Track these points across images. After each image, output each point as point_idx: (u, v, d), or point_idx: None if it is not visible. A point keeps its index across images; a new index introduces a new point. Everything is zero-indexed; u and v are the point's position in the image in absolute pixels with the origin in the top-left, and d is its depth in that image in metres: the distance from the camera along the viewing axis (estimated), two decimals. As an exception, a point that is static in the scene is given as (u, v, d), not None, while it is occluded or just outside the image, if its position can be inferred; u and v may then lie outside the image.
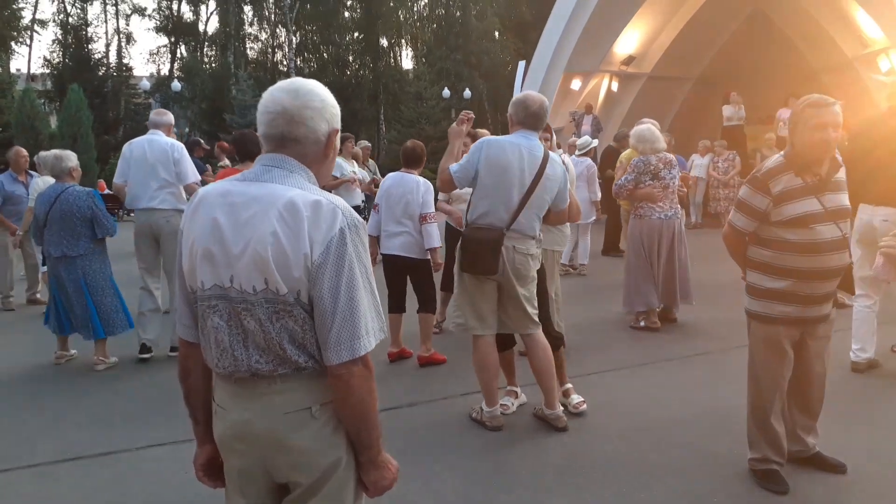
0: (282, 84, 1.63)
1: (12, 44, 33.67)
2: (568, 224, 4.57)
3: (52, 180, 6.80)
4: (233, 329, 1.59)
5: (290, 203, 1.54)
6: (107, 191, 21.51)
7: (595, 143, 8.98)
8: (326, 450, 1.62)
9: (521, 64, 18.19)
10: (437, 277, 5.33)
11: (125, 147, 5.32)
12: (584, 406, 3.98)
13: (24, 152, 7.57)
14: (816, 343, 3.01)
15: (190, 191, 5.24)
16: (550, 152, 3.70)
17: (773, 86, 16.40)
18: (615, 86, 17.05)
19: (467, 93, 31.28)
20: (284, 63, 41.90)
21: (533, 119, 3.63)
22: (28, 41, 36.60)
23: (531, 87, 16.05)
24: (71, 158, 5.28)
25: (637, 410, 4.06)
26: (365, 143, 10.55)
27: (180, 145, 5.27)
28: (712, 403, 4.11)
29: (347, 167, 7.89)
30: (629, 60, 16.53)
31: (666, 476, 3.20)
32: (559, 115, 15.98)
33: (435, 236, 4.92)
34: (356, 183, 7.91)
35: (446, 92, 29.50)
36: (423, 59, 33.13)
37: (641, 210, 5.69)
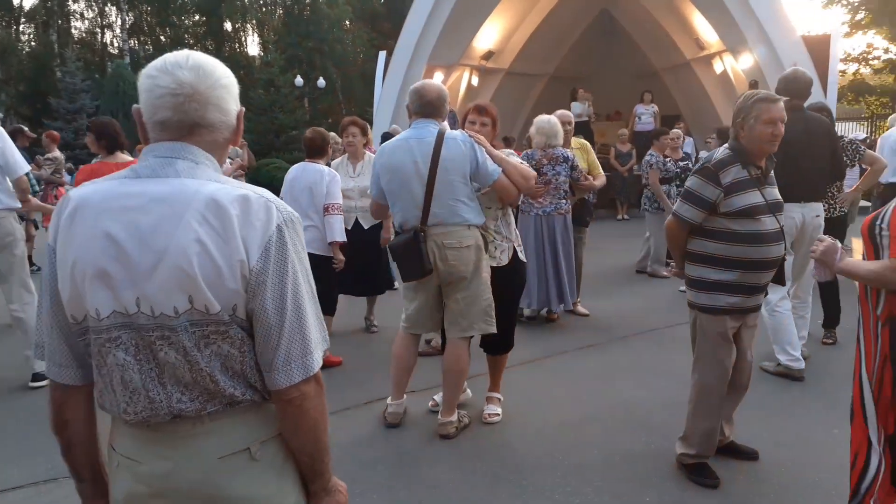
0: (175, 59, 1.30)
1: None
2: None
3: None
4: (143, 364, 1.29)
5: (211, 201, 1.26)
6: None
7: None
8: (274, 496, 1.37)
9: (382, 55, 17.92)
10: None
11: None
12: (497, 419, 3.83)
13: None
14: (749, 332, 3.10)
15: (20, 186, 4.46)
16: (450, 131, 3.49)
17: (618, 84, 17.46)
18: (475, 80, 17.29)
19: (321, 81, 30.47)
20: (115, 45, 38.78)
21: (429, 108, 3.52)
22: None
23: (394, 78, 15.89)
24: None
25: (548, 406, 4.04)
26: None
27: (0, 129, 4.39)
28: (617, 396, 4.17)
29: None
30: (488, 55, 16.83)
31: (592, 477, 3.17)
32: (422, 107, 15.94)
33: (337, 229, 4.68)
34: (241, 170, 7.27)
35: (299, 80, 28.53)
36: (273, 46, 31.79)
37: (522, 205, 5.68)
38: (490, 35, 16.60)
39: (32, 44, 35.30)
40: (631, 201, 12.59)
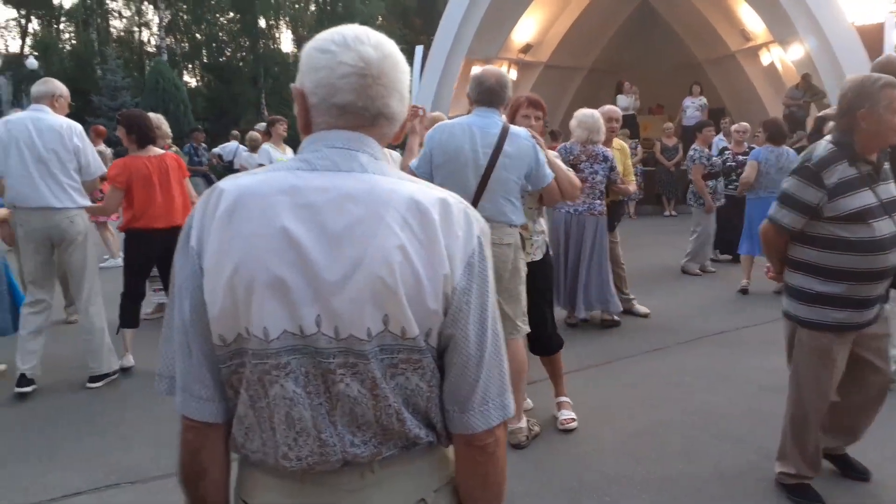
0: (355, 34, 1.09)
1: None
2: None
3: None
4: (314, 398, 1.06)
5: (412, 202, 1.06)
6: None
7: None
8: None
9: (419, 49, 17.79)
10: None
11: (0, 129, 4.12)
12: (574, 424, 3.65)
13: None
14: (877, 341, 2.79)
15: (92, 186, 4.41)
16: (514, 127, 3.30)
17: (659, 76, 17.05)
18: (514, 74, 17.02)
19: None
20: (152, 42, 39.26)
21: (488, 95, 3.30)
22: None
23: (432, 72, 15.74)
24: None
25: (618, 413, 3.84)
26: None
27: (79, 127, 4.25)
28: (691, 403, 3.97)
29: (276, 155, 6.76)
30: (527, 48, 16.59)
31: (680, 494, 2.98)
32: (459, 102, 15.76)
33: None
34: None
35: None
36: (304, 44, 31.86)
37: None
38: (528, 28, 16.35)
39: (73, 42, 35.86)
40: (678, 197, 12.26)
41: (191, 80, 38.05)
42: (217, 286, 1.05)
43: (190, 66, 39.03)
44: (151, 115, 5.71)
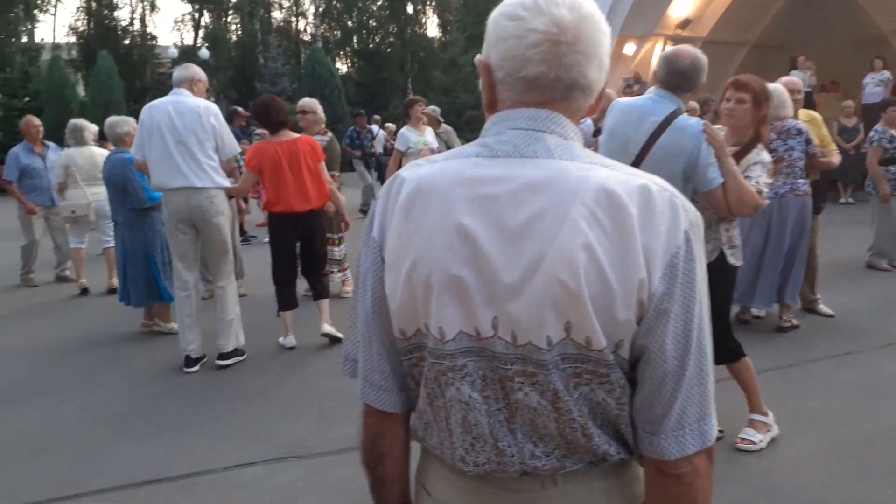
0: None
1: (36, 12, 33.13)
2: None
3: (73, 151, 6.36)
4: (492, 404, 0.97)
5: (602, 192, 0.91)
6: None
7: None
8: None
9: (569, 28, 17.41)
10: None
11: (143, 112, 4.24)
12: (750, 447, 3.20)
13: (37, 121, 7.09)
14: None
15: (228, 168, 4.51)
16: (685, 118, 2.95)
17: (833, 51, 15.44)
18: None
19: (501, 60, 30.34)
20: (308, 31, 41.30)
21: (676, 77, 2.98)
22: (53, 9, 36.08)
23: (583, 52, 15.29)
24: (122, 124, 5.17)
25: (806, 425, 3.45)
26: (433, 108, 9.58)
27: (215, 108, 4.34)
28: (893, 418, 3.48)
29: (414, 137, 6.66)
30: (685, 24, 15.63)
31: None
32: (612, 80, 15.15)
33: None
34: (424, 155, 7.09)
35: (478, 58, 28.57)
36: (453, 26, 32.05)
37: None
38: (687, 2, 15.38)
39: (238, 33, 38.43)
40: (857, 182, 11.05)
41: (342, 67, 39.57)
42: (397, 280, 0.99)
43: (341, 52, 40.59)
44: (307, 99, 5.89)
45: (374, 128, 13.42)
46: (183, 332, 4.39)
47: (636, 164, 2.92)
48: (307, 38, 40.90)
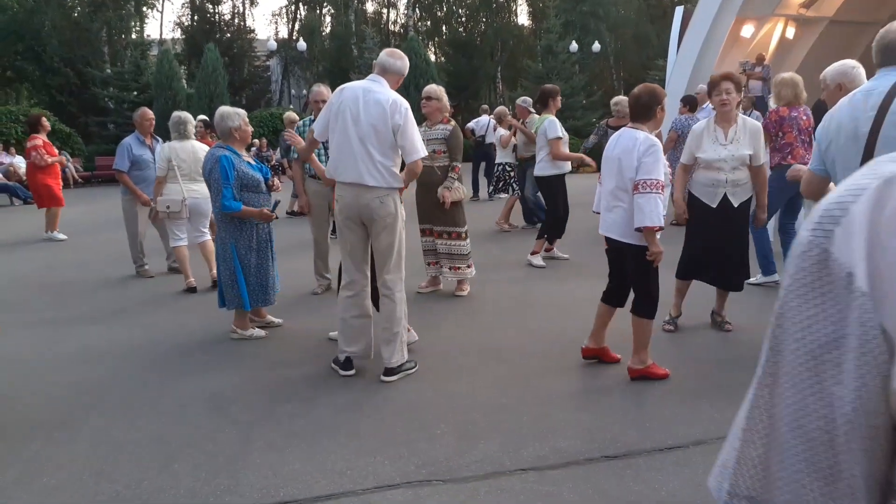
0: None
1: (144, 8, 34.65)
2: None
3: (176, 145, 6.23)
4: None
5: None
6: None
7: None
8: None
9: (679, 10, 16.41)
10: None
11: (335, 94, 3.93)
12: None
13: (151, 114, 7.06)
14: None
15: (412, 172, 4.02)
16: None
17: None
18: (791, 32, 15.01)
19: (596, 46, 29.41)
20: (398, 22, 41.49)
21: (888, 53, 2.74)
22: (160, 7, 37.70)
23: (696, 34, 14.37)
24: (234, 117, 4.80)
25: None
26: (525, 98, 9.19)
27: (405, 104, 3.87)
28: None
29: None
30: (810, 3, 14.45)
31: None
32: (725, 65, 14.18)
33: (647, 212, 3.51)
34: None
35: (574, 45, 27.76)
36: (544, 14, 31.25)
37: None
38: (813, -22, 14.22)
39: (332, 24, 38.97)
40: None
41: (432, 57, 39.51)
42: None
43: (431, 42, 40.50)
44: (433, 86, 5.61)
45: (485, 118, 12.98)
46: (345, 332, 4.05)
47: (871, 140, 2.65)
48: (398, 28, 41.09)
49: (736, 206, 4.44)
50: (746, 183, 4.42)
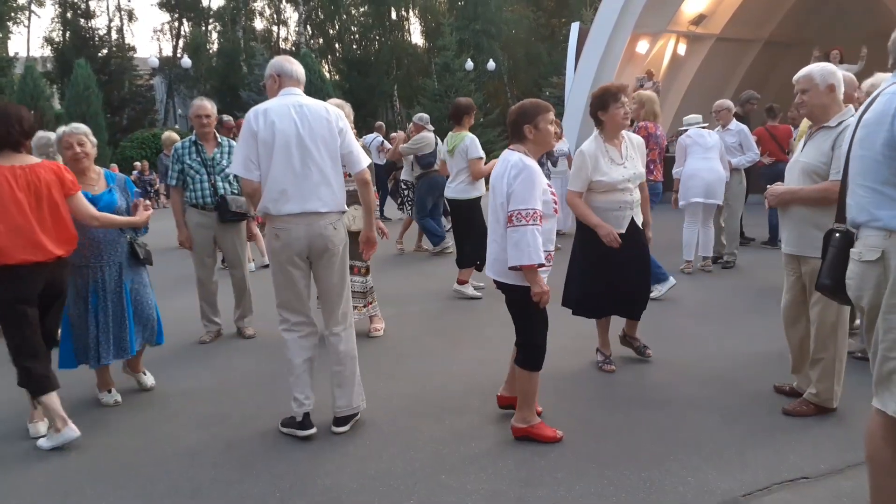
0: None
1: (9, 24, 31.87)
2: None
3: None
4: None
5: None
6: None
7: (699, 118, 7.16)
8: None
9: (575, 26, 16.55)
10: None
11: (252, 118, 3.23)
12: None
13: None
14: None
15: (361, 181, 3.46)
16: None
17: (851, 46, 14.78)
18: (682, 48, 15.40)
19: (491, 64, 29.63)
20: (290, 40, 40.39)
21: None
22: (26, 21, 34.85)
23: (594, 49, 14.45)
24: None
25: None
26: (421, 115, 8.74)
27: (340, 111, 3.42)
28: None
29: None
30: (699, 20, 14.90)
31: None
32: (623, 79, 14.32)
33: (522, 248, 2.96)
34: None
35: (469, 64, 27.82)
36: (442, 31, 31.27)
37: None
38: (700, -3, 14.67)
39: (220, 41, 37.37)
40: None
41: (325, 74, 38.73)
42: None
43: (324, 60, 39.71)
44: (335, 101, 4.95)
45: (374, 135, 12.44)
46: (301, 381, 3.40)
47: (847, 154, 2.39)
48: (289, 46, 40.02)
49: (638, 225, 4.06)
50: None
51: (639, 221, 4.06)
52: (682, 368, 4.12)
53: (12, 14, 32.17)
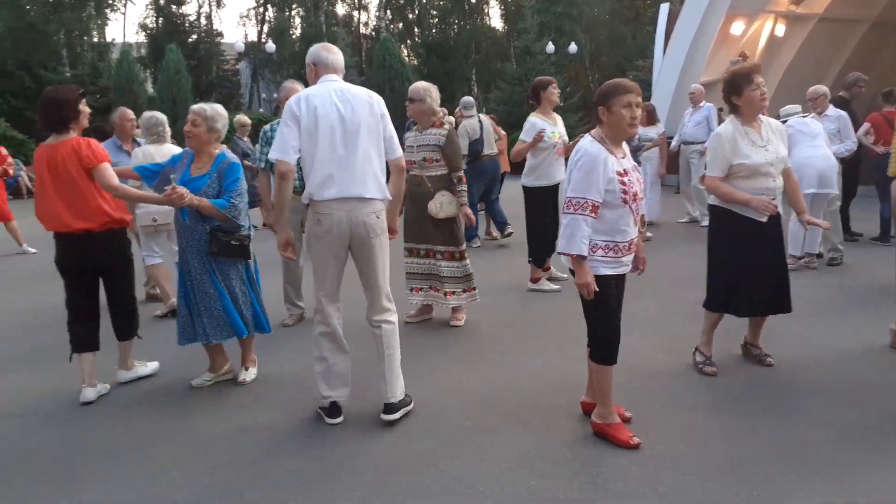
0: None
1: (107, 11, 33.32)
2: None
3: (151, 149, 5.36)
4: None
5: None
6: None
7: (798, 108, 6.62)
8: None
9: (664, 7, 15.89)
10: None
11: (294, 103, 3.19)
12: None
13: (131, 115, 6.10)
14: None
15: (396, 168, 3.43)
16: None
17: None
18: (780, 29, 14.53)
19: (573, 47, 28.86)
20: (369, 24, 40.66)
21: None
22: (123, 8, 36.40)
23: (685, 31, 13.81)
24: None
25: None
26: (468, 98, 8.45)
27: (380, 98, 3.37)
28: None
29: (548, 127, 5.55)
30: (800, -1, 13.97)
31: None
32: (715, 63, 13.63)
33: (566, 235, 2.93)
34: (559, 150, 5.64)
35: (550, 47, 27.19)
36: (524, 13, 30.67)
37: None
38: (804, -26, 13.77)
39: (303, 26, 37.97)
40: None
41: (404, 59, 38.80)
42: None
43: (403, 45, 39.75)
44: (420, 84, 4.79)
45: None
46: (325, 375, 3.38)
47: None
48: (369, 31, 40.26)
49: (781, 214, 3.77)
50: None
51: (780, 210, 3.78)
52: (791, 374, 3.80)
53: (110, 1, 33.59)
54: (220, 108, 3.82)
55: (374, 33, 38.68)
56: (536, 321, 5.03)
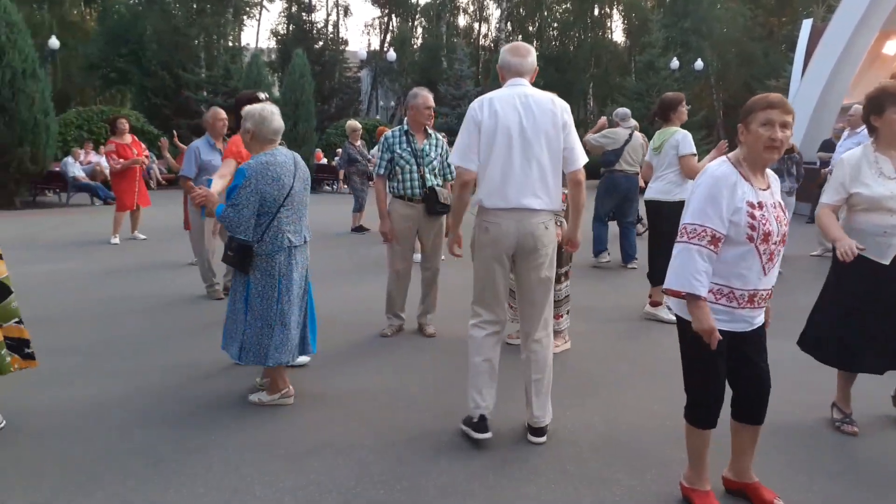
0: None
1: (243, 17, 35.25)
2: None
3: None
4: None
5: None
6: (323, 160, 21.27)
7: None
8: None
9: (807, 23, 14.81)
10: None
11: (477, 107, 3.12)
12: None
13: (223, 114, 6.26)
14: None
15: (574, 181, 3.19)
16: None
17: None
18: (943, 49, 13.14)
19: (699, 63, 27.65)
20: (489, 35, 40.79)
21: None
22: (257, 15, 38.39)
23: (830, 49, 12.77)
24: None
25: None
26: (623, 109, 8.03)
27: (566, 105, 3.18)
28: None
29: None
30: (968, 16, 12.55)
31: None
32: (863, 85, 12.50)
33: (674, 267, 2.46)
34: None
35: (675, 62, 26.17)
36: (650, 27, 29.71)
37: None
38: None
39: (425, 36, 38.66)
40: None
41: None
42: None
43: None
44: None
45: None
46: (480, 381, 3.24)
47: None
48: (488, 42, 40.42)
49: None
50: None
51: None
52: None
53: (247, 8, 35.55)
54: (255, 107, 3.56)
55: (493, 45, 38.77)
56: (650, 355, 4.63)
